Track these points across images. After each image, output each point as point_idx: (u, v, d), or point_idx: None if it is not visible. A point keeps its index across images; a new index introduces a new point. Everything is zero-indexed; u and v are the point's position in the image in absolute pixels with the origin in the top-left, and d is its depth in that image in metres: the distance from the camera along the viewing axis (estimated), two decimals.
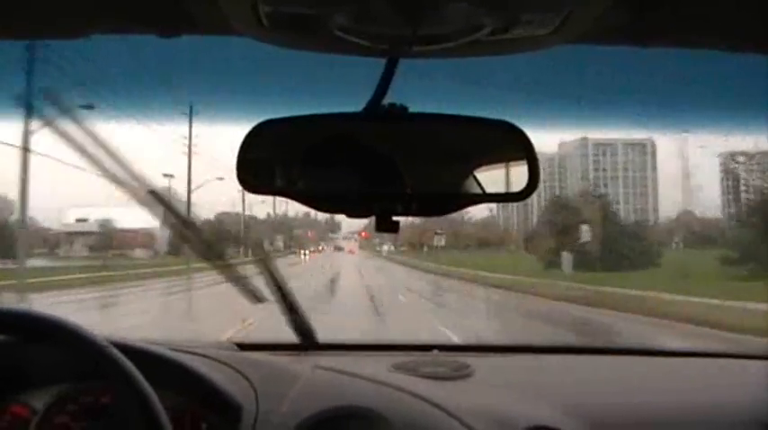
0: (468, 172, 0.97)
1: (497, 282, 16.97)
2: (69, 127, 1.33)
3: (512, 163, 0.96)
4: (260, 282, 1.59)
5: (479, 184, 0.97)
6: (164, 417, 0.96)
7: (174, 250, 30.16)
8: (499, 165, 0.98)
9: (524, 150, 0.94)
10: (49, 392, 1.21)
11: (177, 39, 0.92)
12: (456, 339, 6.42)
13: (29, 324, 1.02)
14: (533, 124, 1.02)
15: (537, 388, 1.36)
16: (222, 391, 1.14)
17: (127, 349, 1.02)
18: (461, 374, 1.39)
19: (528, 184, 0.93)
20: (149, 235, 31.21)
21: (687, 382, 1.46)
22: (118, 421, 1.15)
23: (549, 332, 9.61)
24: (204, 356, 1.26)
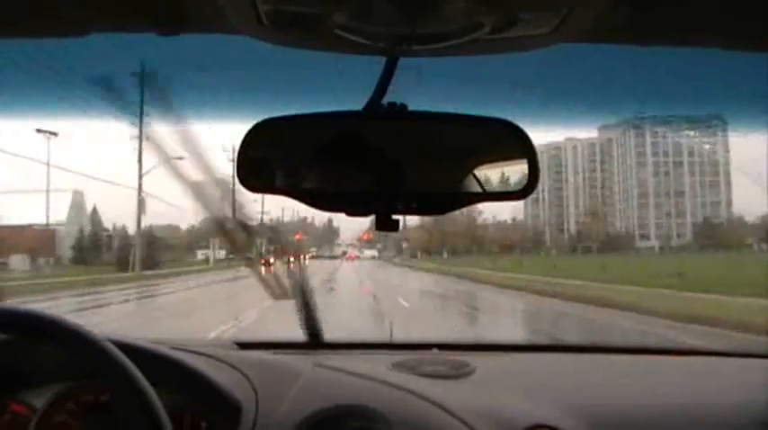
0: (468, 170, 0.97)
1: None
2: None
3: (512, 161, 0.96)
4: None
5: (479, 183, 0.97)
6: (163, 416, 0.96)
7: (81, 257, 22.94)
8: (499, 163, 0.98)
9: (524, 148, 0.94)
10: (48, 391, 1.21)
11: (177, 37, 0.92)
12: None
13: (29, 323, 1.02)
14: (533, 122, 1.02)
15: (537, 386, 1.36)
16: (222, 390, 1.14)
17: (127, 348, 1.02)
18: (461, 373, 1.39)
19: (528, 183, 0.94)
20: (47, 235, 22.12)
21: (687, 381, 1.46)
22: (117, 420, 1.15)
23: None
24: (204, 355, 1.26)
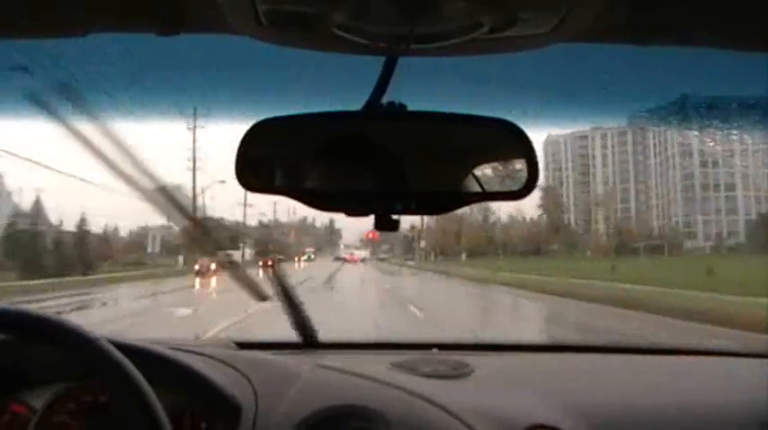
0: (468, 170, 0.97)
1: None
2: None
3: (511, 161, 0.96)
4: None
5: (478, 182, 0.97)
6: (163, 417, 0.96)
7: None
8: (498, 162, 0.99)
9: (523, 148, 0.94)
10: (48, 391, 1.21)
11: (176, 37, 0.92)
12: None
13: (29, 323, 1.02)
14: (532, 122, 1.02)
15: (536, 386, 1.36)
16: (221, 390, 1.14)
17: (126, 348, 1.02)
18: (461, 373, 1.39)
19: (527, 182, 0.94)
20: None
21: (687, 381, 1.46)
22: (117, 420, 1.15)
23: None
24: (203, 355, 1.26)
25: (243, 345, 1.55)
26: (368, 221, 0.98)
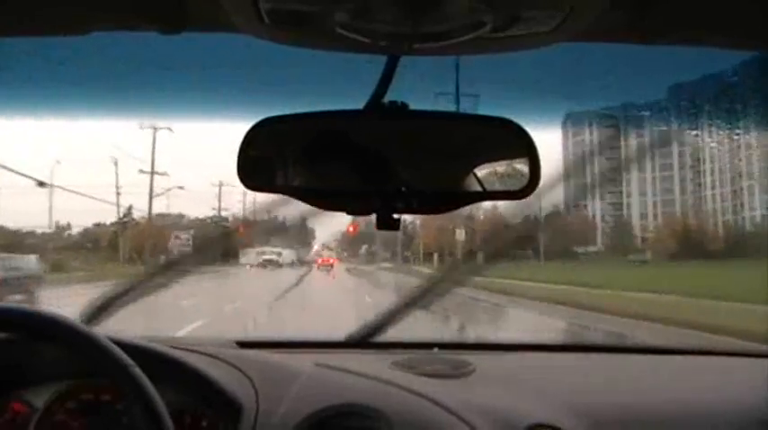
0: (469, 169, 0.97)
1: None
2: None
3: (513, 160, 0.96)
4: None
5: (480, 182, 0.97)
6: (165, 415, 0.96)
7: None
8: (500, 162, 0.98)
9: (525, 147, 0.94)
10: (49, 390, 1.21)
11: (178, 35, 0.92)
12: None
13: (30, 322, 1.02)
14: (534, 121, 1.02)
15: (537, 386, 1.36)
16: (222, 389, 1.14)
17: (128, 347, 1.02)
18: (462, 372, 1.39)
19: (529, 182, 0.94)
20: None
21: (687, 381, 1.46)
22: (118, 419, 1.15)
23: None
24: (205, 354, 1.26)
25: (244, 344, 1.55)
26: (344, 220, 0.97)
